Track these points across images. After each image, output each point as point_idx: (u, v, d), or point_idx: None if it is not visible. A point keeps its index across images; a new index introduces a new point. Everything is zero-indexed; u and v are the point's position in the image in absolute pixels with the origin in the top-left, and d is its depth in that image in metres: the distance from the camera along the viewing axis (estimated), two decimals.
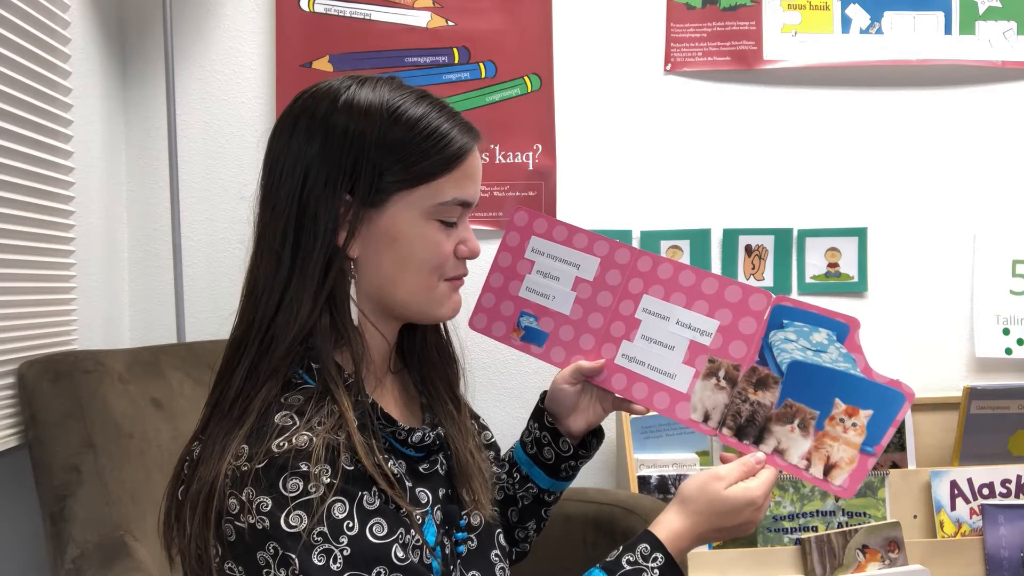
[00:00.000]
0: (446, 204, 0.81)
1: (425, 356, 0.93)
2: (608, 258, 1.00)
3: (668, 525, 0.85)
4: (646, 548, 0.82)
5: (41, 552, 1.22)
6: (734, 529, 0.85)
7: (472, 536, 0.87)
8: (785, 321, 0.92)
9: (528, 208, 1.06)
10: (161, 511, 0.79)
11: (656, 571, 0.81)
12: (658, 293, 0.97)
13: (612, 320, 0.99)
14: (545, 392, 1.03)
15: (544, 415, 1.03)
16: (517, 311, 1.03)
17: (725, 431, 0.91)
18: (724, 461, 0.89)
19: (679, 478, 1.64)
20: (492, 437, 1.04)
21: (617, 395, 0.99)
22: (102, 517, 1.17)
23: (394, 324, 0.87)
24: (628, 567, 0.81)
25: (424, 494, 0.83)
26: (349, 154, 0.77)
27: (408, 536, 0.74)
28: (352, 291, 0.82)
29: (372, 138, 0.78)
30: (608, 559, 0.83)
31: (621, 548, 0.83)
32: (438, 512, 0.84)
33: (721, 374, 0.92)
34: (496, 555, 0.89)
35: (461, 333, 0.96)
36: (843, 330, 0.89)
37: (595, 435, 1.04)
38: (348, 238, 0.78)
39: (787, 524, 1.62)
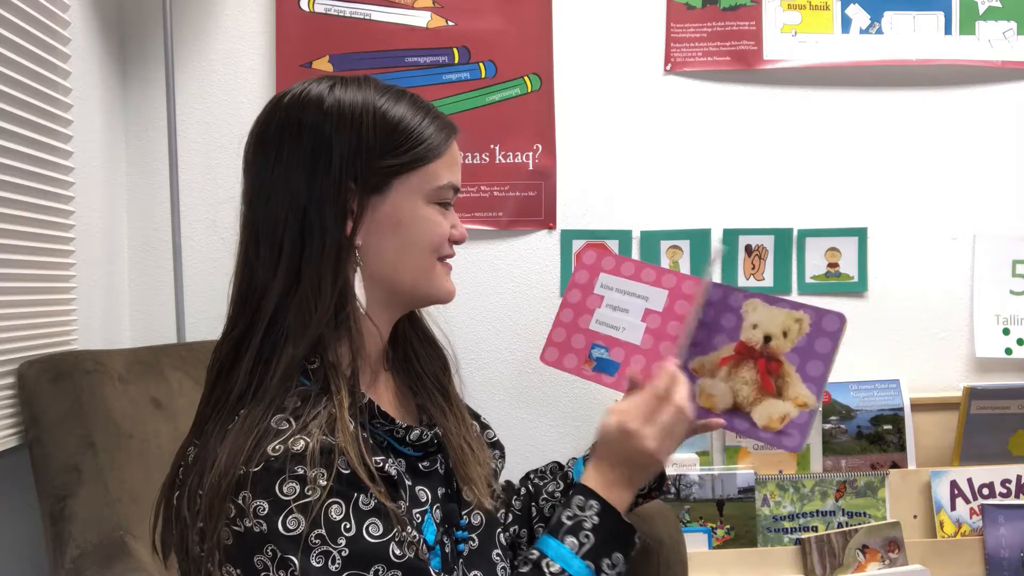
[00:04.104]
0: (443, 187, 0.85)
1: (410, 349, 0.94)
2: (676, 289, 1.04)
3: (589, 473, 0.86)
4: (580, 499, 0.84)
5: (41, 552, 1.22)
6: (658, 443, 0.84)
7: (473, 536, 0.88)
8: None
9: (596, 247, 1.07)
10: (154, 515, 0.80)
11: (595, 517, 0.83)
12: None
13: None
14: None
15: None
16: (588, 343, 1.06)
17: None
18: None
19: (679, 478, 1.64)
20: (495, 436, 1.04)
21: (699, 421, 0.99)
22: (102, 517, 1.17)
23: (392, 314, 0.88)
24: (568, 522, 0.82)
25: (424, 492, 0.83)
26: (347, 145, 0.79)
27: (404, 533, 0.75)
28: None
29: (368, 126, 0.80)
30: (551, 522, 0.84)
31: (560, 508, 0.85)
32: (437, 511, 0.84)
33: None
34: (497, 554, 0.89)
35: (442, 323, 0.98)
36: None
37: (660, 479, 1.04)
38: (354, 227, 0.80)
39: (787, 524, 1.62)
